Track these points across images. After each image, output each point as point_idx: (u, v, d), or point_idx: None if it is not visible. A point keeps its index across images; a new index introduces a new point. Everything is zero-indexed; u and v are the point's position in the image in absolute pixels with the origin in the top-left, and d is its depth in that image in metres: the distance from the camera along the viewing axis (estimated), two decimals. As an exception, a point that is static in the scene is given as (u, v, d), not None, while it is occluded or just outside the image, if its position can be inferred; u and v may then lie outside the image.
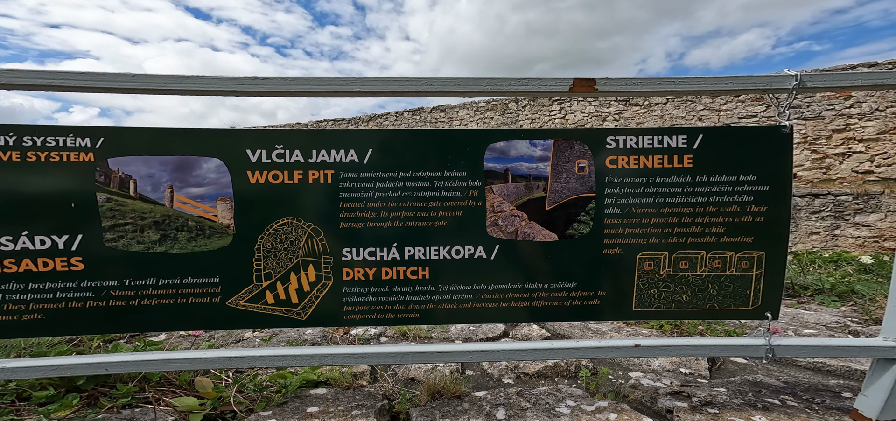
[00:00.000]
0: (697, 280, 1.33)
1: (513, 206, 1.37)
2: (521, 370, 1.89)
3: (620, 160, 1.29)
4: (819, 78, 1.10)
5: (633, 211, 1.30)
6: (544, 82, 1.27)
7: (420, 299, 1.38)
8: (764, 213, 1.26)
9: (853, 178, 9.79)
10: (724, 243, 1.29)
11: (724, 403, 1.50)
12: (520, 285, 1.38)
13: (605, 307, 1.38)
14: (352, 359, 1.39)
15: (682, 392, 1.61)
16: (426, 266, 1.36)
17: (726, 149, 1.26)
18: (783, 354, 1.30)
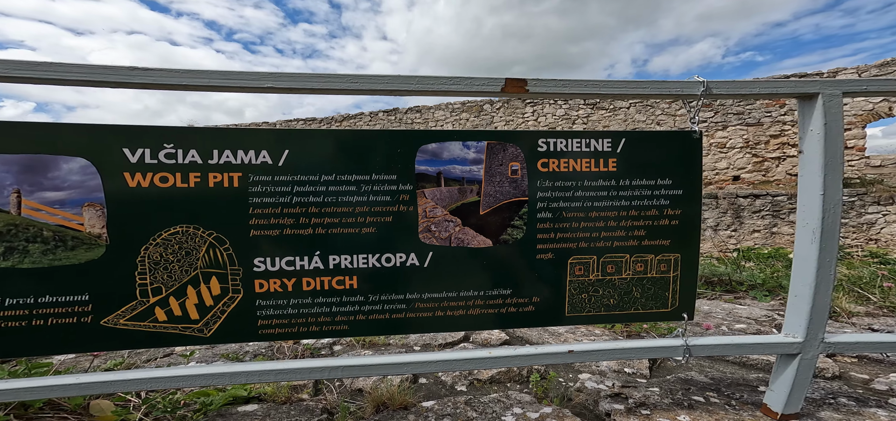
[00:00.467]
0: (623, 283, 1.33)
1: (446, 210, 1.28)
2: (476, 376, 1.83)
3: (551, 163, 1.27)
4: (723, 85, 1.18)
5: (564, 215, 1.28)
6: (476, 82, 1.22)
7: (348, 311, 1.25)
8: (678, 215, 1.29)
9: (788, 179, 10.68)
10: (645, 246, 1.31)
11: (656, 403, 1.52)
12: (455, 293, 1.29)
13: (540, 313, 1.33)
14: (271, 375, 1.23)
15: (621, 394, 1.62)
16: (354, 275, 1.24)
17: (645, 153, 1.28)
18: (698, 354, 1.34)
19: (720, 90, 1.16)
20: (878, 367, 1.92)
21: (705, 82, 1.15)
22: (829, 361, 1.93)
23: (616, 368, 1.91)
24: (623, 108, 12.91)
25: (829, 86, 1.14)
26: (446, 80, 1.22)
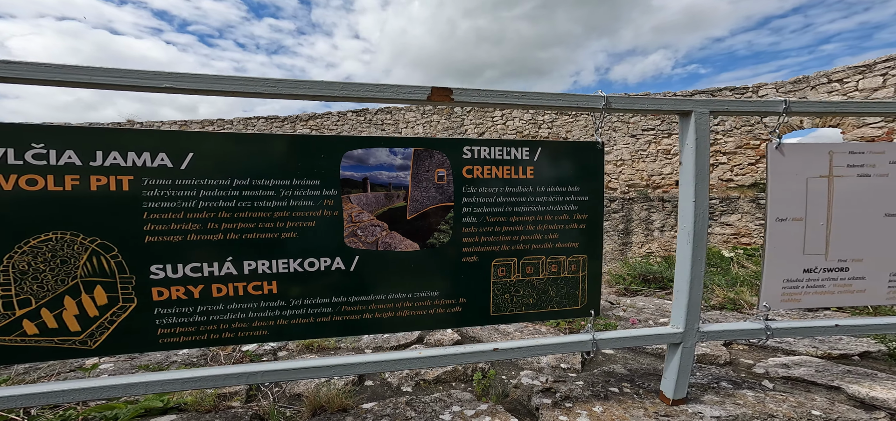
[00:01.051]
0: (540, 283, 1.39)
1: (373, 215, 1.25)
2: (422, 377, 1.80)
3: (476, 170, 1.30)
4: (619, 101, 1.32)
5: (487, 219, 1.31)
6: (403, 89, 1.22)
7: (268, 315, 1.18)
8: (585, 220, 1.38)
9: (719, 184, 11.51)
10: (558, 248, 1.38)
11: (578, 396, 1.58)
12: (383, 296, 1.27)
13: (467, 314, 1.35)
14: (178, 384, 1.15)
15: (551, 388, 1.66)
16: (274, 280, 1.18)
17: (557, 161, 1.35)
18: (604, 347, 1.44)
19: (617, 105, 1.30)
20: (762, 353, 2.13)
21: (606, 97, 1.28)
22: (723, 350, 2.11)
23: (553, 364, 1.96)
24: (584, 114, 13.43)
25: (700, 105, 1.33)
26: (372, 88, 1.20)
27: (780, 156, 1.37)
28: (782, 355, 2.06)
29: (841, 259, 1.42)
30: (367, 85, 1.20)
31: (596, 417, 1.43)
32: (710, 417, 1.41)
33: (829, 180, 1.39)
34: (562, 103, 1.28)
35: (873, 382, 1.60)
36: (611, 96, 1.26)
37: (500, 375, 1.83)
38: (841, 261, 1.42)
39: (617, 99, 1.29)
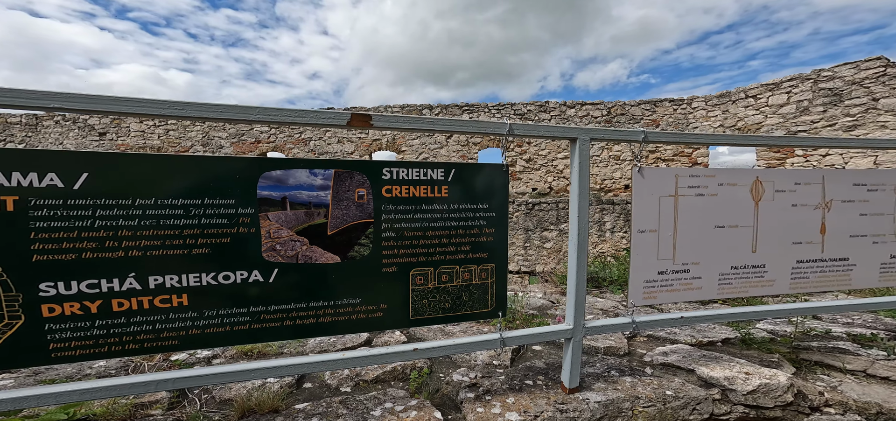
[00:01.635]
0: (455, 290, 1.52)
1: (292, 231, 1.30)
2: (362, 377, 1.84)
3: (394, 190, 1.40)
4: (521, 128, 1.49)
5: (405, 234, 1.42)
6: (322, 115, 1.27)
7: (178, 327, 1.19)
8: (492, 234, 1.54)
9: None
10: (470, 259, 1.51)
11: (497, 389, 1.69)
12: (304, 304, 1.33)
13: (387, 318, 1.45)
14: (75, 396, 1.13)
15: (477, 384, 1.75)
16: (184, 293, 1.19)
17: (469, 181, 1.49)
18: (510, 344, 1.58)
19: (520, 131, 1.48)
20: (654, 343, 2.29)
21: (510, 125, 1.45)
22: (625, 342, 2.26)
23: (487, 361, 2.05)
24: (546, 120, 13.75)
25: (582, 133, 1.56)
26: (290, 113, 1.25)
27: (641, 178, 1.66)
28: (668, 344, 2.26)
29: (684, 263, 1.75)
30: (285, 110, 1.25)
31: (506, 406, 1.57)
32: (594, 401, 1.61)
33: (675, 199, 1.71)
34: (473, 129, 1.43)
35: (716, 364, 1.86)
36: (513, 123, 1.44)
37: (438, 373, 1.90)
38: (684, 264, 1.75)
39: (519, 125, 1.46)
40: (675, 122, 12.68)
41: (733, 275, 1.80)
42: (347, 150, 13.82)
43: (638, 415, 1.65)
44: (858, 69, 9.62)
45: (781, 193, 1.80)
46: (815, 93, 10.21)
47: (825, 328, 2.45)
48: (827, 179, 1.83)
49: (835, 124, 9.89)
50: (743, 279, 1.81)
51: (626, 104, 13.08)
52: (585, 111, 12.99)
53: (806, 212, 1.82)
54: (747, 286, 1.83)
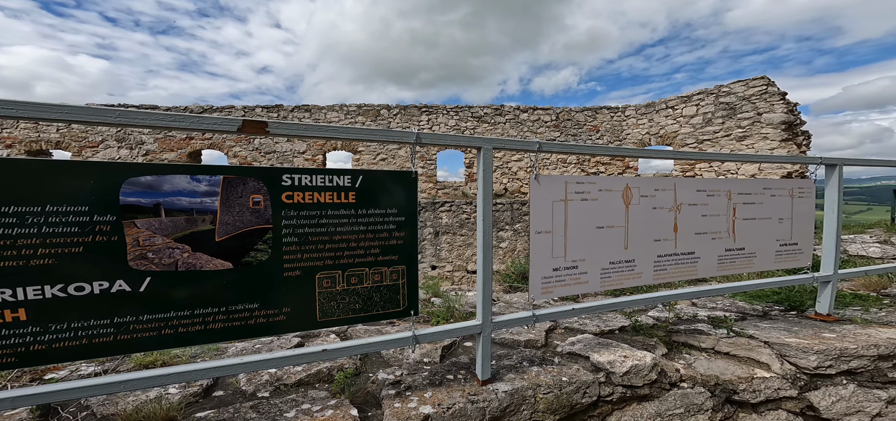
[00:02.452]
0: (365, 291, 1.47)
1: (169, 238, 1.17)
2: (283, 381, 1.72)
3: (296, 196, 1.33)
4: (428, 137, 1.48)
5: (310, 239, 1.36)
6: (206, 120, 1.15)
7: (14, 343, 1.07)
8: (402, 237, 1.52)
9: None
10: (380, 261, 1.48)
11: (418, 385, 1.65)
12: (188, 312, 1.22)
13: (292, 321, 1.37)
14: None
15: (400, 381, 1.69)
16: (21, 307, 1.06)
17: (378, 187, 1.46)
18: (423, 341, 1.57)
19: (427, 140, 1.46)
20: (569, 334, 2.33)
21: (416, 133, 1.43)
22: (542, 335, 2.28)
23: (419, 359, 1.99)
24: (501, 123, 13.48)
25: (485, 142, 1.60)
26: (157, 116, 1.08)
27: (538, 184, 1.75)
28: (578, 334, 2.32)
29: (573, 260, 1.88)
30: (152, 113, 1.09)
31: (423, 400, 1.55)
32: (502, 391, 1.64)
33: (565, 203, 1.83)
34: (379, 138, 1.38)
35: (606, 350, 1.98)
36: (420, 132, 1.42)
37: (367, 373, 1.82)
38: (573, 261, 1.88)
39: (426, 134, 1.44)
40: (612, 129, 13.11)
41: (612, 269, 1.98)
42: (298, 150, 12.62)
43: (539, 401, 1.70)
44: (747, 86, 10.87)
45: (645, 198, 2.03)
46: (717, 106, 11.04)
47: (693, 313, 2.75)
48: (678, 186, 2.11)
49: (730, 134, 10.81)
50: (619, 272, 2.00)
51: (571, 110, 13.40)
52: (537, 116, 13.22)
53: (663, 214, 2.08)
54: (622, 279, 2.02)
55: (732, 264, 2.26)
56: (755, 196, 2.28)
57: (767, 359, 2.04)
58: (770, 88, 10.40)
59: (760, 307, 2.77)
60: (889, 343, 2.06)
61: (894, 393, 2.02)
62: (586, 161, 13.00)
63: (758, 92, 10.47)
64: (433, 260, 10.60)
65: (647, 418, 1.84)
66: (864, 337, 2.13)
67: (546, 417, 1.69)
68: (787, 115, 10.13)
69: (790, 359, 2.04)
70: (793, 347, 2.08)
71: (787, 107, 10.23)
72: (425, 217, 10.16)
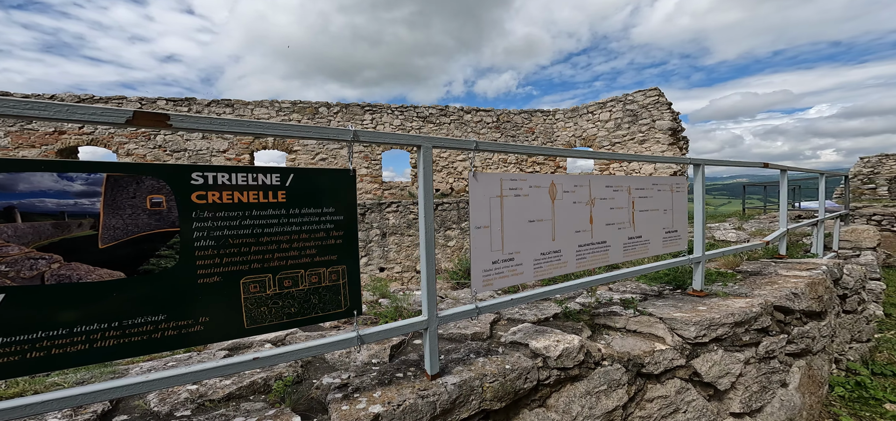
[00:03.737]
0: (301, 294, 1.26)
1: (31, 247, 0.86)
2: (207, 397, 1.46)
3: (211, 195, 1.09)
4: (366, 135, 1.32)
5: (231, 242, 1.12)
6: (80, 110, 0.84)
7: None
8: (342, 236, 1.34)
9: None
10: (317, 262, 1.29)
11: (367, 386, 1.47)
12: (65, 331, 0.96)
13: (211, 331, 1.14)
14: None
15: (347, 384, 1.49)
16: None
17: (312, 186, 1.28)
18: (369, 340, 1.39)
19: (365, 138, 1.29)
20: (512, 324, 2.26)
21: (354, 131, 1.25)
22: (487, 327, 2.19)
23: (366, 360, 1.78)
24: (446, 123, 12.72)
25: (425, 141, 1.48)
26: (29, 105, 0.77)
27: (476, 181, 1.68)
28: (519, 324, 2.27)
29: (510, 253, 1.84)
30: (10, 100, 0.74)
31: (373, 400, 1.39)
32: (451, 384, 1.52)
33: (501, 199, 1.79)
34: (314, 136, 1.20)
35: (542, 336, 1.96)
36: (358, 130, 1.26)
37: (311, 379, 1.59)
38: (510, 254, 1.84)
39: (364, 133, 1.28)
40: (545, 131, 13.42)
41: (542, 260, 1.99)
42: (218, 148, 10.61)
43: (486, 390, 1.61)
44: (645, 96, 11.99)
45: (567, 193, 2.09)
46: (624, 112, 11.93)
47: (610, 297, 2.88)
48: (592, 182, 2.22)
49: (634, 138, 11.76)
50: (548, 263, 2.02)
51: (510, 112, 13.40)
52: (480, 117, 13.06)
53: (581, 207, 2.16)
54: (551, 269, 2.04)
55: (634, 251, 2.45)
56: (647, 191, 2.51)
57: (663, 333, 2.21)
58: (661, 99, 11.76)
59: (657, 288, 3.03)
60: (741, 311, 2.37)
61: (749, 355, 2.34)
62: (524, 160, 13.36)
63: (652, 101, 11.78)
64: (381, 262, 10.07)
65: (579, 396, 1.86)
66: (725, 307, 2.41)
67: (493, 404, 1.61)
68: (673, 123, 11.62)
69: (678, 331, 2.24)
70: (679, 320, 2.28)
71: (672, 115, 11.70)
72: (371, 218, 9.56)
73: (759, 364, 2.38)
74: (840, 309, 3.60)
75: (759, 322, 2.38)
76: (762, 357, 2.39)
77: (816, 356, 2.83)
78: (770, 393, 2.45)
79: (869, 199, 16.35)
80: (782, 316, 2.57)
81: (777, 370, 2.47)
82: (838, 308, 3.54)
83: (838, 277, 3.51)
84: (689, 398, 2.22)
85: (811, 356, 2.76)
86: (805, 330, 2.65)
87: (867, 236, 5.99)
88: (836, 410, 3.10)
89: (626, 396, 2.00)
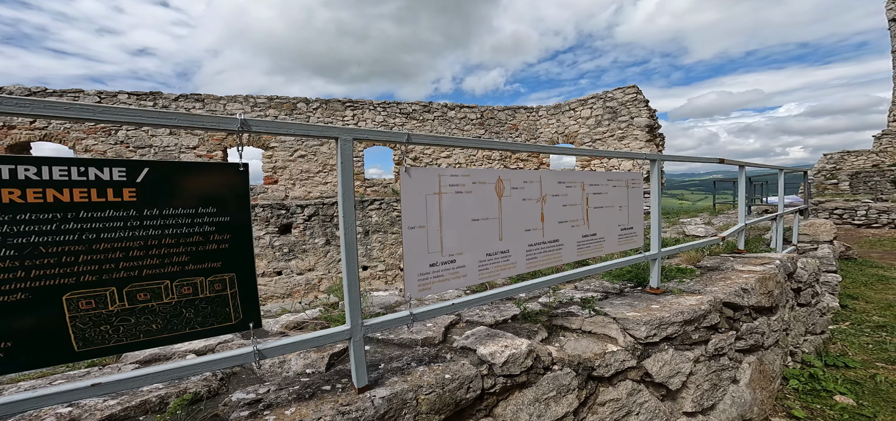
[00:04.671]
0: (167, 308, 1.08)
1: None
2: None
3: (6, 194, 0.90)
4: (258, 124, 1.15)
5: (44, 250, 0.93)
6: None
7: None
8: (229, 240, 1.16)
9: None
10: (191, 271, 1.10)
11: (283, 401, 1.33)
12: None
13: (18, 357, 0.93)
14: None
15: (259, 400, 1.34)
16: None
17: (180, 183, 1.09)
18: (270, 355, 1.23)
19: (258, 128, 1.13)
20: (468, 327, 2.11)
21: (241, 120, 1.09)
22: (441, 330, 2.03)
23: (299, 370, 1.65)
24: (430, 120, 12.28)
25: (343, 133, 1.32)
26: None
27: (408, 177, 1.54)
28: (476, 327, 2.12)
29: (451, 253, 1.71)
30: None
31: (283, 418, 1.24)
32: (380, 397, 1.38)
33: (439, 196, 1.66)
34: (197, 123, 1.01)
35: (491, 341, 1.84)
36: (248, 119, 1.09)
37: (226, 394, 1.43)
38: (451, 255, 1.71)
39: (256, 122, 1.11)
40: (529, 127, 13.36)
41: (488, 261, 1.87)
42: (188, 145, 10.09)
43: (422, 403, 1.48)
44: (624, 93, 11.98)
45: (516, 190, 1.98)
46: (604, 110, 11.95)
47: (572, 296, 2.73)
48: (543, 178, 2.11)
49: (614, 135, 11.80)
50: (495, 263, 1.90)
51: (494, 109, 13.19)
52: (463, 113, 12.85)
53: (531, 205, 2.05)
54: (499, 269, 1.93)
55: (588, 249, 2.36)
56: (602, 186, 2.43)
57: (615, 333, 2.13)
58: (639, 96, 11.85)
59: (618, 286, 2.94)
60: (691, 310, 2.30)
61: (699, 353, 2.29)
62: (508, 157, 13.25)
63: (631, 99, 11.86)
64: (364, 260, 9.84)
65: (527, 404, 1.75)
66: (676, 305, 2.33)
67: (431, 417, 1.48)
68: (650, 120, 11.71)
69: (631, 331, 2.16)
70: (631, 320, 2.20)
71: (650, 112, 11.80)
72: (354, 216, 9.45)
73: (709, 362, 2.33)
74: (794, 302, 3.62)
75: (708, 319, 2.33)
76: (712, 355, 2.34)
77: (768, 351, 2.82)
78: (721, 390, 2.41)
79: (831, 194, 17.00)
80: (732, 312, 2.53)
81: (727, 367, 2.42)
82: (793, 302, 3.57)
83: (792, 271, 3.53)
84: (642, 400, 2.15)
85: (762, 351, 2.75)
86: (754, 326, 2.63)
87: (825, 230, 6.14)
88: (789, 404, 3.11)
89: (576, 402, 1.91)
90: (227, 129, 1.06)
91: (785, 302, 3.20)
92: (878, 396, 3.26)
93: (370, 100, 12.09)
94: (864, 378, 3.54)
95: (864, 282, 7.05)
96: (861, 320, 5.15)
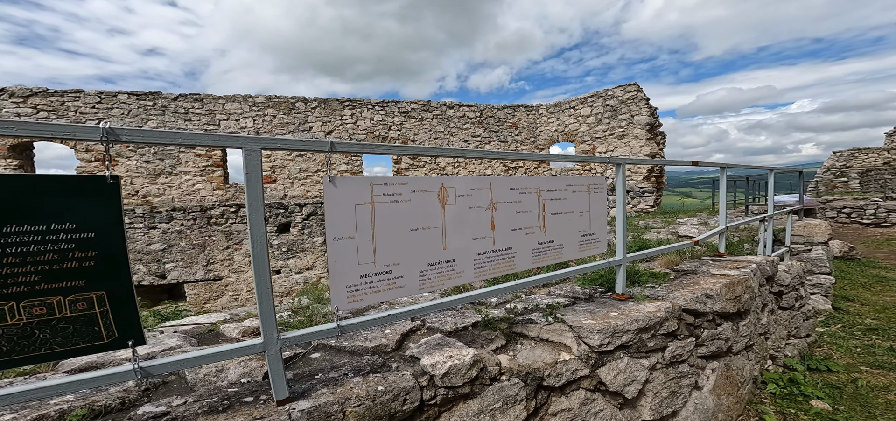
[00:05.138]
0: (15, 329, 1.02)
1: None
2: None
3: None
4: (128, 133, 1.07)
5: None
6: None
7: None
8: (94, 257, 1.09)
9: None
10: (43, 291, 1.04)
11: (192, 415, 1.30)
12: None
13: None
14: None
15: (169, 412, 1.32)
16: None
17: (27, 198, 1.01)
18: (158, 372, 1.17)
19: (127, 137, 1.07)
20: (429, 334, 2.06)
21: (105, 129, 1.02)
22: (396, 337, 1.98)
23: (235, 379, 1.63)
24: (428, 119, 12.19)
25: (249, 143, 1.26)
26: None
27: (334, 187, 1.49)
28: (434, 334, 2.06)
29: (386, 264, 1.66)
30: None
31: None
32: (299, 410, 1.34)
33: (371, 206, 1.61)
34: (56, 133, 0.96)
35: (438, 351, 1.76)
36: (116, 129, 1.02)
37: (137, 406, 1.40)
38: (386, 266, 1.66)
39: (123, 131, 1.06)
40: (528, 126, 13.02)
41: (431, 271, 1.82)
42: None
43: (349, 416, 1.44)
44: (624, 91, 11.35)
45: (462, 197, 1.92)
46: (604, 108, 11.64)
47: (538, 302, 2.60)
48: (493, 185, 2.05)
49: (614, 133, 11.50)
50: (439, 273, 1.85)
51: (494, 107, 12.92)
52: (462, 112, 12.65)
53: (480, 212, 2.00)
54: (443, 279, 1.87)
55: (545, 256, 2.29)
56: (560, 192, 2.35)
57: (570, 342, 2.06)
58: (639, 94, 11.48)
59: (589, 290, 2.82)
60: (647, 317, 2.21)
61: (655, 360, 2.21)
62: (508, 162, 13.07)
63: (631, 96, 11.48)
64: None
65: (471, 416, 1.69)
66: (634, 313, 2.23)
67: (361, 431, 1.45)
68: (650, 118, 11.39)
69: (585, 340, 2.09)
70: (586, 328, 2.12)
71: (650, 111, 11.46)
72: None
73: (667, 369, 2.25)
74: (775, 306, 3.51)
75: (665, 327, 2.25)
76: (669, 362, 2.26)
77: (737, 356, 2.72)
78: (682, 398, 2.33)
79: (841, 192, 16.52)
80: (692, 319, 2.44)
81: (687, 374, 2.34)
82: (773, 305, 3.45)
83: (772, 274, 3.41)
84: (596, 409, 2.08)
85: (730, 357, 2.65)
86: (717, 332, 2.53)
87: (819, 231, 5.95)
88: (763, 408, 3.01)
89: (525, 413, 1.85)
90: (90, 138, 1.00)
91: (760, 306, 3.09)
92: (856, 400, 3.14)
93: (369, 99, 11.96)
94: (845, 382, 3.42)
95: (864, 283, 6.83)
96: (853, 323, 4.99)
